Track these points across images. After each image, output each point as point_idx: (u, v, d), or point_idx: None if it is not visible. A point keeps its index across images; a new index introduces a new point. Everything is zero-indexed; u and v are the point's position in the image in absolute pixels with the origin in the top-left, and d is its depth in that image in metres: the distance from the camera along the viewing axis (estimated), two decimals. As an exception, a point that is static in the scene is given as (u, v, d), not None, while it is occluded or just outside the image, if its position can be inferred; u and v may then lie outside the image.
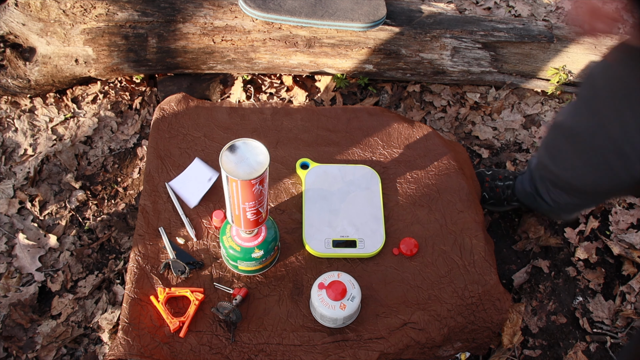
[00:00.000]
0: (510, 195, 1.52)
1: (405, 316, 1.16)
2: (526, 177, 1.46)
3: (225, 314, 1.11)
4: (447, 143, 1.45)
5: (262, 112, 1.45)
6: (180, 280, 1.19)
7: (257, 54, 1.70)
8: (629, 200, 1.64)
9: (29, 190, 1.61)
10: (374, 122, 1.45)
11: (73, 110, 1.76)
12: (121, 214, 1.58)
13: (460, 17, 1.75)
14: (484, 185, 1.55)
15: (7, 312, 1.40)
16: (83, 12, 1.61)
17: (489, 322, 1.19)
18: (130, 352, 1.08)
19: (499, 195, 1.54)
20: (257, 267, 1.17)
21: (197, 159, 1.34)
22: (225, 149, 0.93)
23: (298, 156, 1.38)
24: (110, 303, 1.43)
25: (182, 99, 1.45)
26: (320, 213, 1.27)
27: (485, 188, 1.55)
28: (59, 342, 1.37)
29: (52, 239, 1.52)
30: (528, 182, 1.44)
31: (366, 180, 1.32)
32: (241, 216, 1.02)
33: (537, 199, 1.41)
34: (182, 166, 1.34)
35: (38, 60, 1.67)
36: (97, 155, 1.69)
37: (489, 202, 1.55)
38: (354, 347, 1.12)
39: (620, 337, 1.43)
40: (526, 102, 1.85)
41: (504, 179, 1.54)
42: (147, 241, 1.23)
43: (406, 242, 1.24)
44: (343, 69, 1.76)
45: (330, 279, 1.12)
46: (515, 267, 1.54)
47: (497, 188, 1.54)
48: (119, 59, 1.68)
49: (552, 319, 1.46)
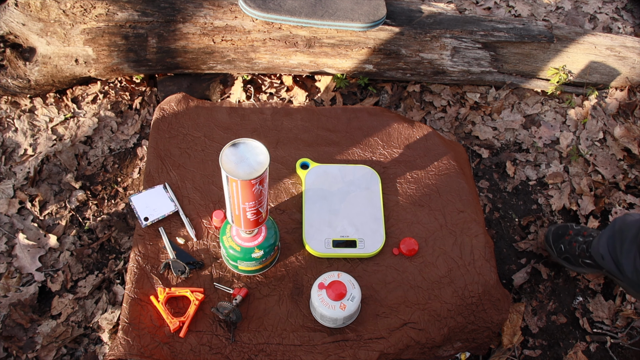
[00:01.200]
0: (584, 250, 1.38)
1: (405, 316, 1.16)
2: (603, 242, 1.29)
3: (225, 314, 1.11)
4: (447, 143, 1.45)
5: (262, 112, 1.45)
6: (180, 280, 1.19)
7: (257, 54, 1.70)
8: (628, 200, 1.64)
9: (29, 190, 1.61)
10: (374, 122, 1.45)
11: (73, 110, 1.76)
12: (121, 214, 1.58)
13: (460, 17, 1.75)
14: (564, 238, 1.43)
15: (7, 312, 1.40)
16: (83, 12, 1.61)
17: (489, 322, 1.19)
18: (130, 352, 1.08)
19: (574, 249, 1.40)
20: (257, 267, 1.17)
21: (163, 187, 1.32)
22: (225, 149, 0.93)
23: (298, 156, 1.38)
24: (110, 303, 1.43)
25: (182, 99, 1.45)
26: (320, 213, 1.27)
27: (564, 241, 1.43)
28: (59, 342, 1.37)
29: (52, 239, 1.52)
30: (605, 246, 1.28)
31: (366, 180, 1.32)
32: (241, 216, 1.02)
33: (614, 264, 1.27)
34: (182, 166, 1.34)
35: (38, 60, 1.67)
36: (97, 155, 1.69)
37: (563, 256, 1.43)
38: (354, 347, 1.12)
39: (620, 337, 1.43)
40: (526, 102, 1.85)
41: (588, 235, 1.40)
42: (147, 241, 1.23)
43: (406, 242, 1.24)
44: (343, 69, 1.76)
45: (330, 279, 1.12)
46: (515, 267, 1.54)
47: (575, 242, 1.40)
48: (119, 59, 1.68)
49: (552, 319, 1.46)
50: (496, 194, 1.66)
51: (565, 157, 1.74)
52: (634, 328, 1.45)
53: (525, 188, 1.67)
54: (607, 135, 1.77)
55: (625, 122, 1.78)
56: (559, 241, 1.44)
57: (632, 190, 1.67)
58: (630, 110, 1.81)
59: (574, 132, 1.78)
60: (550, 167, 1.71)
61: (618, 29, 2.06)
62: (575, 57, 1.77)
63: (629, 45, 1.80)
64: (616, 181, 1.68)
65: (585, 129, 1.78)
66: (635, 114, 1.81)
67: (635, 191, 1.67)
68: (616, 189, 1.67)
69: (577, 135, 1.78)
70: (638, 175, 1.69)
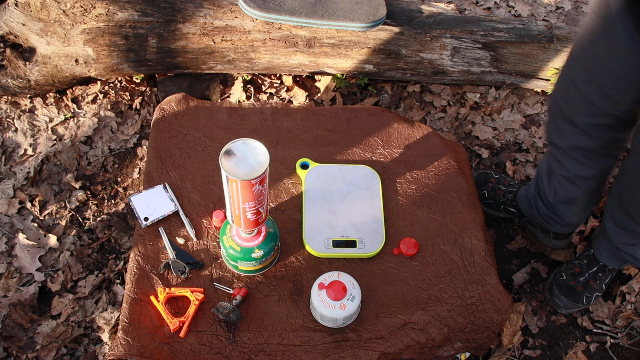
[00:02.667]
0: (510, 200, 1.52)
1: (405, 316, 1.16)
2: (533, 183, 1.46)
3: (225, 314, 1.11)
4: (447, 143, 1.45)
5: (262, 112, 1.45)
6: (180, 280, 1.19)
7: (257, 54, 1.70)
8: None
9: (29, 190, 1.61)
10: (374, 122, 1.45)
11: (73, 110, 1.76)
12: (121, 214, 1.58)
13: (460, 17, 1.75)
14: (487, 185, 1.55)
15: (7, 312, 1.40)
16: (83, 12, 1.61)
17: (489, 322, 1.19)
18: (130, 352, 1.08)
19: (499, 197, 1.54)
20: (257, 267, 1.17)
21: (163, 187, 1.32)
22: (225, 149, 0.93)
23: (298, 156, 1.38)
24: (110, 303, 1.43)
25: (182, 99, 1.45)
26: (320, 213, 1.27)
27: (487, 187, 1.55)
28: (59, 342, 1.37)
29: (52, 239, 1.52)
30: (533, 186, 1.44)
31: (366, 180, 1.32)
32: (241, 216, 1.02)
33: (535, 207, 1.42)
34: (182, 166, 1.34)
35: (38, 60, 1.67)
36: (97, 155, 1.69)
37: (485, 201, 1.56)
38: (354, 347, 1.12)
39: (620, 337, 1.43)
40: (526, 102, 1.85)
41: (509, 185, 1.54)
42: (147, 241, 1.23)
43: (406, 242, 1.24)
44: (343, 69, 1.76)
45: (330, 279, 1.12)
46: (515, 267, 1.54)
47: (499, 190, 1.54)
48: (119, 59, 1.68)
49: (552, 319, 1.46)
50: (496, 194, 1.66)
51: (565, 157, 1.74)
52: (634, 328, 1.45)
53: (525, 188, 1.67)
54: (607, 135, 1.77)
55: (625, 122, 1.78)
56: (482, 187, 1.57)
57: (632, 190, 1.67)
58: (630, 110, 1.81)
59: (574, 132, 1.78)
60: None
61: (618, 29, 2.05)
62: (575, 57, 1.77)
63: (629, 45, 1.79)
64: (616, 181, 1.68)
65: (585, 129, 1.78)
66: (635, 114, 1.81)
67: (635, 191, 1.67)
68: (616, 189, 1.67)
69: (577, 135, 1.78)
70: (638, 175, 1.69)
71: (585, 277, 1.43)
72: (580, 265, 1.45)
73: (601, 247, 1.42)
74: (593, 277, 1.43)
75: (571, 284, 1.43)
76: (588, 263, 1.44)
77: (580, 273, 1.44)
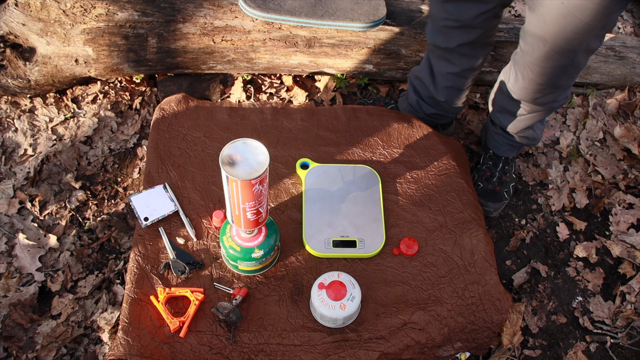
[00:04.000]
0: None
1: (405, 316, 1.16)
2: (409, 92, 1.61)
3: (225, 314, 1.11)
4: (446, 143, 1.45)
5: (262, 112, 1.45)
6: (180, 280, 1.19)
7: (257, 54, 1.70)
8: (628, 200, 1.64)
9: (29, 190, 1.61)
10: (374, 122, 1.45)
11: (73, 110, 1.76)
12: (121, 214, 1.58)
13: (460, 17, 1.75)
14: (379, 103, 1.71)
15: (7, 312, 1.40)
16: (83, 12, 1.61)
17: (489, 322, 1.19)
18: (130, 352, 1.08)
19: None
20: (257, 267, 1.17)
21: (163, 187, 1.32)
22: (225, 150, 0.93)
23: (298, 156, 1.38)
24: (110, 303, 1.43)
25: (182, 99, 1.45)
26: (320, 213, 1.27)
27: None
28: (59, 342, 1.37)
29: (52, 239, 1.52)
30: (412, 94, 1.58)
31: (366, 180, 1.32)
32: (241, 216, 1.02)
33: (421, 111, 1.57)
34: (182, 166, 1.34)
35: (38, 60, 1.67)
36: (97, 155, 1.69)
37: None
38: (354, 347, 1.12)
39: (620, 337, 1.43)
40: (526, 102, 1.85)
41: (385, 104, 1.70)
42: (147, 241, 1.23)
43: (406, 242, 1.24)
44: (343, 69, 1.76)
45: (330, 279, 1.12)
46: (515, 267, 1.54)
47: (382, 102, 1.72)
48: (119, 59, 1.68)
49: (552, 319, 1.46)
50: (496, 194, 1.66)
51: (565, 157, 1.74)
52: (634, 328, 1.45)
53: (525, 188, 1.67)
54: (607, 135, 1.77)
55: (625, 122, 1.78)
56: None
57: (632, 190, 1.67)
58: (630, 110, 1.81)
59: (574, 132, 1.78)
60: (551, 167, 1.71)
61: (618, 29, 2.06)
62: (575, 57, 1.77)
63: (629, 45, 1.80)
64: (616, 181, 1.68)
65: (585, 129, 1.78)
66: (635, 114, 1.81)
67: (635, 191, 1.67)
68: (616, 189, 1.67)
69: (577, 135, 1.78)
70: (638, 175, 1.69)
71: (497, 176, 1.56)
72: (489, 168, 1.58)
73: (498, 143, 1.56)
74: (502, 172, 1.57)
75: (489, 187, 1.55)
76: (493, 163, 1.58)
77: (491, 175, 1.57)
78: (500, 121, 1.49)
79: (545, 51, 1.16)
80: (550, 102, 1.34)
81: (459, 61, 1.39)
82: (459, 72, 1.42)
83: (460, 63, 1.39)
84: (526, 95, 1.33)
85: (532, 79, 1.25)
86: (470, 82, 1.48)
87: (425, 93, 1.53)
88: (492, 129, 1.56)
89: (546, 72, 1.21)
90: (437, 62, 1.44)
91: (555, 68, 1.19)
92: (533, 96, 1.31)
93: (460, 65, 1.40)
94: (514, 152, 1.59)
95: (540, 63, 1.20)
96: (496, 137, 1.56)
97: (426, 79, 1.49)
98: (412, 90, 1.58)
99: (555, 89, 1.28)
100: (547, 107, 1.36)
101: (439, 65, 1.44)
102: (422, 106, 1.56)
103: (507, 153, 1.58)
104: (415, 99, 1.56)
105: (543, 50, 1.16)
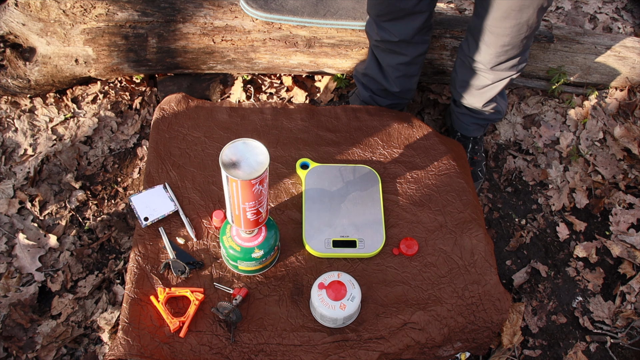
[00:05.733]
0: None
1: (405, 316, 1.16)
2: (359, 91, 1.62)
3: (225, 314, 1.11)
4: (446, 143, 1.45)
5: (262, 112, 1.45)
6: (180, 280, 1.19)
7: (257, 54, 1.70)
8: (628, 200, 1.64)
9: (29, 190, 1.61)
10: (374, 122, 1.45)
11: (73, 110, 1.76)
12: (121, 214, 1.58)
13: (460, 17, 1.75)
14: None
15: (7, 312, 1.40)
16: (83, 12, 1.61)
17: (489, 322, 1.19)
18: (130, 352, 1.08)
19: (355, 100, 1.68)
20: (257, 267, 1.17)
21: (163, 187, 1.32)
22: (225, 149, 0.93)
23: (298, 156, 1.38)
24: (110, 303, 1.43)
25: (182, 99, 1.45)
26: (320, 213, 1.27)
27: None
28: (59, 342, 1.37)
29: (52, 239, 1.52)
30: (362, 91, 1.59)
31: (366, 180, 1.32)
32: (241, 216, 1.02)
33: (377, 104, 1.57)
34: (182, 166, 1.34)
35: (38, 60, 1.67)
36: (97, 155, 1.69)
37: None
38: (354, 347, 1.12)
39: (620, 337, 1.43)
40: (526, 102, 1.85)
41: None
42: (147, 241, 1.23)
43: (406, 242, 1.24)
44: (343, 69, 1.76)
45: (330, 279, 1.12)
46: (515, 267, 1.54)
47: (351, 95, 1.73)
48: (119, 59, 1.68)
49: (552, 319, 1.46)
50: (496, 194, 1.66)
51: (565, 157, 1.74)
52: (634, 328, 1.45)
53: (525, 188, 1.67)
54: (607, 135, 1.77)
55: (625, 122, 1.78)
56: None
57: (632, 190, 1.67)
58: (630, 110, 1.81)
59: (574, 132, 1.78)
60: (551, 167, 1.71)
61: (618, 29, 2.06)
62: (575, 57, 1.77)
63: (629, 45, 1.80)
64: (616, 181, 1.68)
65: (585, 129, 1.78)
66: (635, 114, 1.81)
67: (635, 191, 1.67)
68: (616, 189, 1.67)
69: (577, 135, 1.78)
70: (638, 175, 1.69)
71: (468, 156, 1.59)
72: None
73: (464, 124, 1.59)
74: (473, 152, 1.61)
75: None
76: (463, 145, 1.60)
77: None
78: (464, 98, 1.50)
79: (504, 10, 1.20)
80: (512, 67, 1.37)
81: (408, 50, 1.40)
82: (409, 61, 1.43)
83: (410, 52, 1.40)
84: (489, 61, 1.35)
85: (494, 42, 1.29)
86: (421, 65, 1.50)
87: (376, 87, 1.54)
88: (457, 110, 1.58)
89: (506, 33, 1.25)
90: (384, 56, 1.44)
91: (513, 27, 1.23)
92: (495, 60, 1.34)
93: (410, 54, 1.41)
94: (481, 130, 1.61)
95: (499, 24, 1.24)
96: (462, 118, 1.58)
97: (375, 74, 1.50)
98: (362, 88, 1.59)
99: (516, 49, 1.31)
100: (508, 72, 1.38)
101: (387, 59, 1.44)
102: (376, 100, 1.57)
103: (475, 132, 1.61)
104: (368, 94, 1.58)
105: (502, 9, 1.20)
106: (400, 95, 1.54)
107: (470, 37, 1.35)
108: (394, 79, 1.48)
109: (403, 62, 1.43)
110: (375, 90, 1.55)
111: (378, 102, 1.58)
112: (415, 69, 1.48)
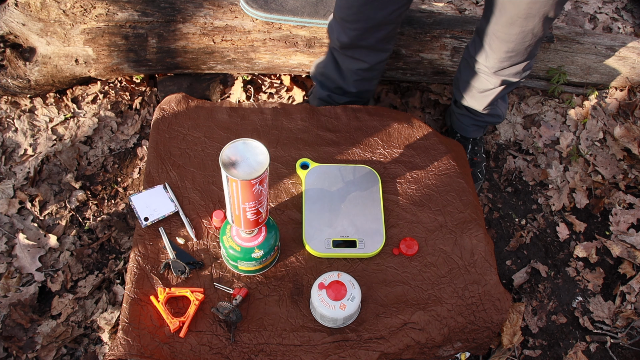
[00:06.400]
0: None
1: (405, 316, 1.16)
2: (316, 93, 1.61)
3: (225, 314, 1.11)
4: (447, 143, 1.45)
5: (262, 112, 1.45)
6: (180, 280, 1.19)
7: (257, 54, 1.69)
8: (628, 200, 1.64)
9: (29, 190, 1.61)
10: (374, 122, 1.45)
11: (73, 110, 1.76)
12: (121, 214, 1.58)
13: (460, 17, 1.75)
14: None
15: (7, 312, 1.40)
16: (83, 12, 1.61)
17: (489, 322, 1.19)
18: (130, 352, 1.08)
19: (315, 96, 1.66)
20: (257, 267, 1.17)
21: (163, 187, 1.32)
22: (225, 149, 0.93)
23: (298, 156, 1.38)
24: (110, 303, 1.43)
25: (182, 99, 1.45)
26: (320, 213, 1.27)
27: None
28: (59, 342, 1.37)
29: (52, 239, 1.52)
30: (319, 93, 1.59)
31: (366, 180, 1.32)
32: (241, 216, 1.02)
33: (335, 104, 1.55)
34: (182, 166, 1.34)
35: (38, 60, 1.67)
36: (97, 155, 1.69)
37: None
38: (354, 347, 1.12)
39: (620, 337, 1.43)
40: (526, 102, 1.85)
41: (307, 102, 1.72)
42: (147, 241, 1.23)
43: (406, 242, 1.24)
44: (343, 69, 1.76)
45: (330, 279, 1.12)
46: (515, 267, 1.54)
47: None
48: (119, 59, 1.68)
49: (552, 319, 1.46)
50: (496, 194, 1.66)
51: (565, 157, 1.74)
52: (634, 328, 1.45)
53: (525, 188, 1.67)
54: (607, 135, 1.77)
55: (625, 122, 1.78)
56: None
57: (632, 190, 1.68)
58: (630, 110, 1.81)
59: (574, 132, 1.78)
60: (551, 167, 1.71)
61: (618, 29, 2.06)
62: (575, 57, 1.77)
63: (629, 45, 1.80)
64: (616, 181, 1.68)
65: (585, 129, 1.78)
66: (635, 114, 1.81)
67: (635, 191, 1.68)
68: (616, 189, 1.67)
69: (577, 135, 1.78)
70: (638, 175, 1.69)
71: (468, 158, 1.58)
72: None
73: (464, 125, 1.59)
74: (473, 153, 1.61)
75: None
76: (463, 146, 1.58)
77: None
78: (465, 99, 1.50)
79: (510, 16, 1.20)
80: (516, 74, 1.37)
81: (369, 58, 1.39)
82: (369, 67, 1.42)
83: (371, 59, 1.40)
84: (492, 65, 1.35)
85: (499, 47, 1.29)
86: (381, 71, 1.49)
87: (333, 86, 1.54)
88: (457, 111, 1.58)
89: (511, 39, 1.25)
90: (344, 60, 1.44)
91: (519, 34, 1.24)
92: (499, 65, 1.34)
93: (371, 61, 1.40)
94: (481, 131, 1.62)
95: (504, 29, 1.24)
96: (462, 119, 1.58)
97: (333, 75, 1.50)
98: (319, 86, 1.59)
99: (520, 57, 1.31)
100: (512, 78, 1.39)
101: (346, 63, 1.44)
102: (334, 98, 1.57)
103: (474, 134, 1.61)
104: (326, 93, 1.58)
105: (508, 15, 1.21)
106: (359, 95, 1.54)
107: (477, 39, 1.35)
108: (353, 82, 1.48)
109: (363, 68, 1.43)
110: (333, 88, 1.55)
111: (336, 101, 1.57)
112: (375, 74, 1.48)
